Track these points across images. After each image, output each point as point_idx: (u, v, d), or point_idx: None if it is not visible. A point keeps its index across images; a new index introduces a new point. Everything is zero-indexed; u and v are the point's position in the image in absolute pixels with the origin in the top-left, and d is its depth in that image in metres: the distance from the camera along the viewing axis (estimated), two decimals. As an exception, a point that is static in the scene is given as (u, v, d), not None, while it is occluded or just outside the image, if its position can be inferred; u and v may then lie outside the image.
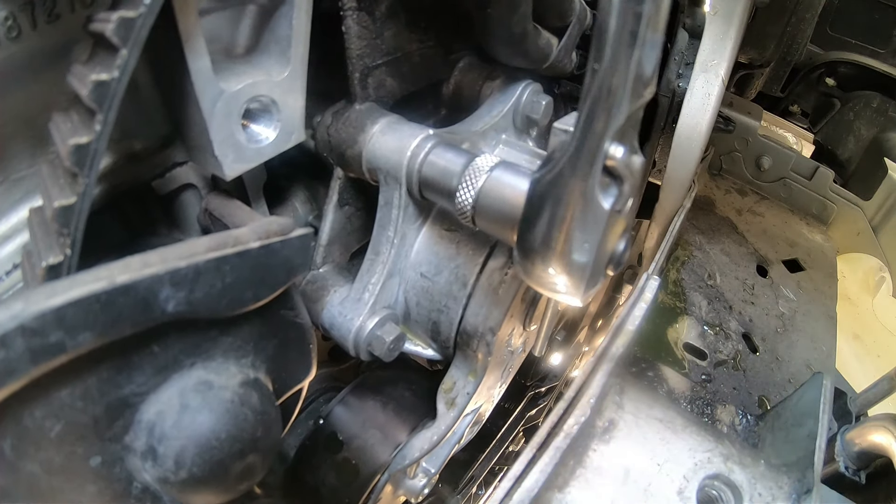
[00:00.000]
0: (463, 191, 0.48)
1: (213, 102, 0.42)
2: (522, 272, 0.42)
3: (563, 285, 0.40)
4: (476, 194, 0.47)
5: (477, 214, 0.48)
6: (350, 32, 0.53)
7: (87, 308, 0.29)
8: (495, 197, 0.46)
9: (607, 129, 0.32)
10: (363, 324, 0.57)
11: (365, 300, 0.58)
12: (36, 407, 0.34)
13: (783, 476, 0.69)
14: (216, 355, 0.41)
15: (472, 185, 0.47)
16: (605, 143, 0.33)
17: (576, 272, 0.38)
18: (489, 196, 0.47)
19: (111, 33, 0.29)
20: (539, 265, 0.40)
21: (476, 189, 0.47)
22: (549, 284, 0.41)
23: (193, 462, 0.39)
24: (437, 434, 0.64)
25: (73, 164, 0.30)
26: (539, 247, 0.39)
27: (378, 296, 0.58)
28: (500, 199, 0.46)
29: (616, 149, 0.33)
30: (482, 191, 0.47)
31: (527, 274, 0.42)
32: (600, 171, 0.34)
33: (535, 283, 0.42)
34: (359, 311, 0.57)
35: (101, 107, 0.30)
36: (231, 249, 0.33)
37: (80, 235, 0.33)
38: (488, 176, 0.47)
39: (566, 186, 0.35)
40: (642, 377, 1.20)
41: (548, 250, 0.38)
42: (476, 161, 0.48)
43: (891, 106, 1.90)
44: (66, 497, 0.37)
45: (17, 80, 0.43)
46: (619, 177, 0.35)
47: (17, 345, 0.28)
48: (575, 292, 0.40)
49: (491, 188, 0.47)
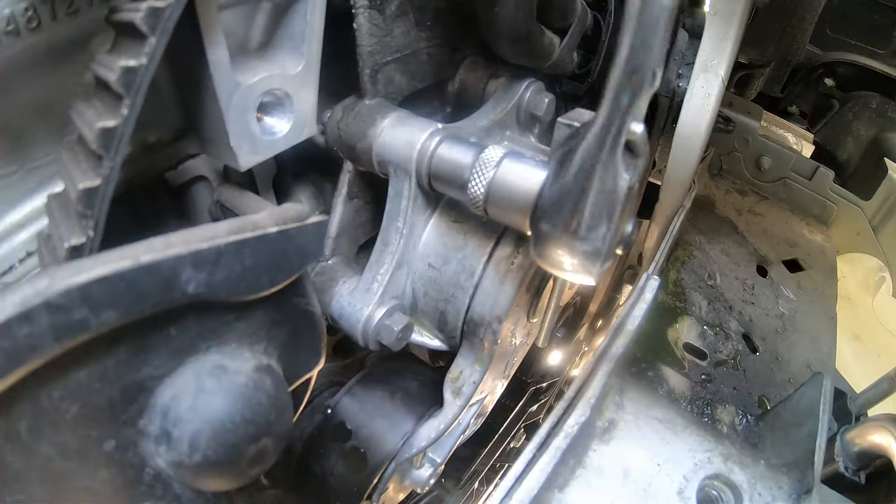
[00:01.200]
0: (475, 181, 0.49)
1: (230, 95, 0.43)
2: (538, 254, 0.43)
3: (579, 264, 0.40)
4: (488, 184, 0.48)
5: (489, 203, 0.49)
6: (361, 29, 0.54)
7: (113, 286, 0.29)
8: (506, 185, 0.48)
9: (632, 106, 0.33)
10: (372, 313, 0.58)
11: (374, 290, 0.59)
12: (54, 387, 0.34)
13: (783, 476, 0.70)
14: (231, 340, 0.42)
15: (483, 175, 0.49)
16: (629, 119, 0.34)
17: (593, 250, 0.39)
18: (500, 185, 0.48)
19: (140, 22, 0.30)
20: (557, 245, 0.41)
21: (488, 179, 0.48)
22: (564, 264, 0.41)
23: (208, 445, 0.39)
24: (444, 422, 0.65)
25: (99, 147, 0.31)
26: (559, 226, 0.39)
27: (387, 286, 0.59)
28: (511, 187, 0.47)
29: (637, 125, 0.35)
30: (493, 180, 0.48)
31: (543, 256, 0.43)
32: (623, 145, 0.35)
33: (550, 263, 0.43)
34: (367, 301, 0.58)
35: (128, 92, 0.31)
36: (251, 233, 0.34)
37: (103, 219, 0.34)
38: (499, 165, 0.48)
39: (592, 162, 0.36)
40: (642, 377, 1.20)
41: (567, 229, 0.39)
42: (486, 152, 0.50)
43: (890, 106, 1.91)
44: (78, 482, 0.38)
45: (35, 70, 0.44)
46: (635, 153, 0.36)
47: (42, 321, 0.29)
48: (590, 271, 0.40)
49: (502, 177, 0.48)
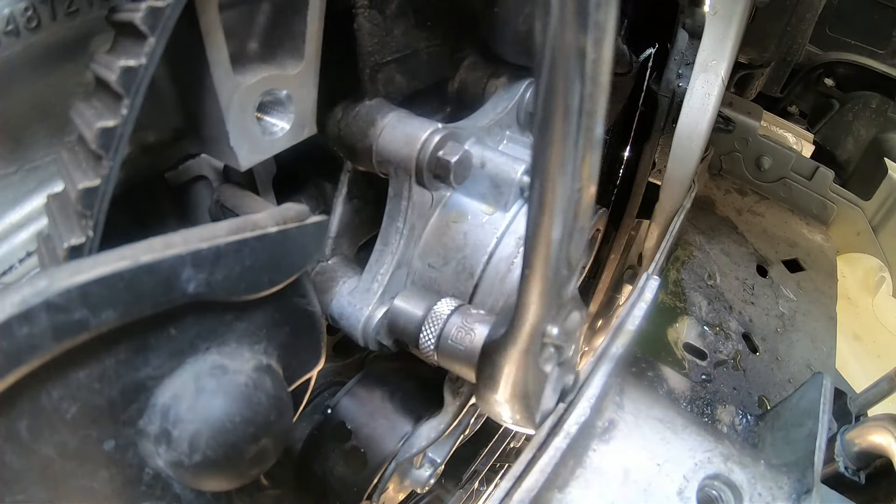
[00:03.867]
0: (424, 336, 0.54)
1: (231, 94, 0.43)
2: (482, 405, 0.49)
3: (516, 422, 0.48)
4: (437, 339, 0.54)
5: (439, 355, 0.54)
6: (361, 30, 0.54)
7: (112, 286, 0.29)
8: (454, 342, 0.53)
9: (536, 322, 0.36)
10: (372, 314, 0.58)
11: (374, 290, 0.59)
12: (54, 387, 0.34)
13: (783, 476, 0.69)
14: (230, 340, 0.42)
15: (433, 330, 0.54)
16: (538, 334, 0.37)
17: (525, 413, 0.45)
18: (448, 341, 0.53)
19: (140, 22, 0.30)
20: (494, 406, 0.47)
21: (436, 334, 0.54)
22: (504, 420, 0.49)
23: (208, 445, 0.39)
24: (444, 423, 0.65)
25: (98, 147, 0.31)
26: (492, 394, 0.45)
27: (387, 286, 0.59)
28: (458, 345, 0.52)
29: (550, 329, 0.37)
30: (442, 335, 0.53)
31: (484, 410, 0.49)
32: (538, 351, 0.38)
33: (492, 416, 0.49)
34: (368, 301, 0.58)
35: (128, 92, 0.31)
36: (251, 233, 0.34)
37: (103, 219, 0.34)
38: (446, 321, 0.53)
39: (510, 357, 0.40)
40: (642, 377, 1.20)
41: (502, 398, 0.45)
42: (437, 307, 0.55)
43: (890, 106, 1.91)
44: (78, 482, 0.38)
45: (35, 70, 0.44)
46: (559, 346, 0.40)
47: (42, 321, 0.29)
48: (527, 425, 0.48)
49: (449, 334, 0.53)
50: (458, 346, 0.51)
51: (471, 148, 0.60)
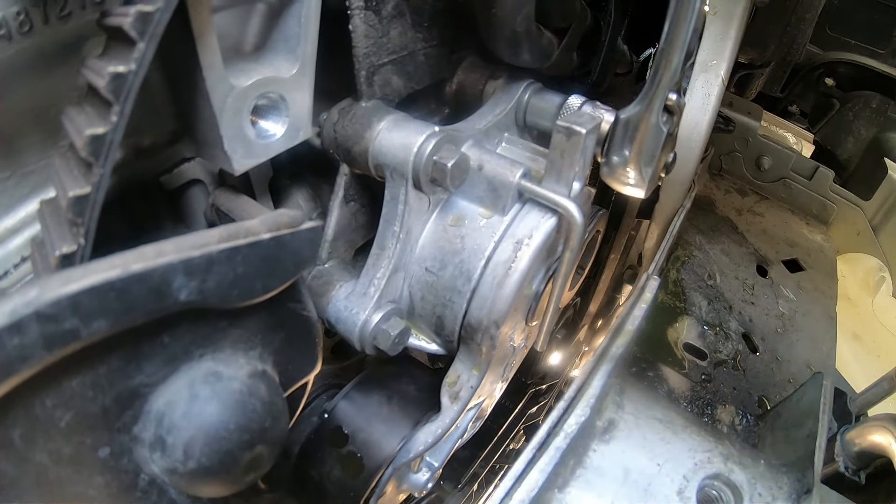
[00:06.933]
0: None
1: (224, 98, 0.43)
2: (607, 173, 0.61)
3: (634, 182, 0.60)
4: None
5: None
6: (357, 31, 0.54)
7: (103, 295, 0.29)
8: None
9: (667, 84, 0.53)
10: (369, 318, 0.58)
11: (370, 294, 0.58)
12: (47, 396, 0.34)
13: (783, 476, 0.69)
14: (225, 347, 0.42)
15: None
16: (665, 92, 0.54)
17: (643, 174, 0.59)
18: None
19: (129, 27, 0.30)
20: (620, 168, 0.60)
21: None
22: (624, 182, 0.61)
23: (202, 452, 0.39)
24: (442, 427, 0.65)
25: (88, 155, 0.30)
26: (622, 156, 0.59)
27: (383, 290, 0.59)
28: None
29: (671, 94, 0.54)
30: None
31: (610, 175, 0.61)
32: (662, 108, 0.55)
33: (614, 181, 0.62)
34: (364, 306, 0.58)
35: (117, 98, 0.30)
36: (243, 240, 0.34)
37: (94, 226, 0.33)
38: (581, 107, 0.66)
39: (641, 118, 0.56)
40: (642, 377, 1.20)
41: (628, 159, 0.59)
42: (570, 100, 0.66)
43: (890, 106, 1.91)
44: (73, 489, 0.38)
45: (28, 74, 0.44)
46: (672, 112, 0.56)
47: (32, 331, 0.29)
48: (641, 187, 0.61)
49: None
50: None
51: (468, 150, 0.60)
